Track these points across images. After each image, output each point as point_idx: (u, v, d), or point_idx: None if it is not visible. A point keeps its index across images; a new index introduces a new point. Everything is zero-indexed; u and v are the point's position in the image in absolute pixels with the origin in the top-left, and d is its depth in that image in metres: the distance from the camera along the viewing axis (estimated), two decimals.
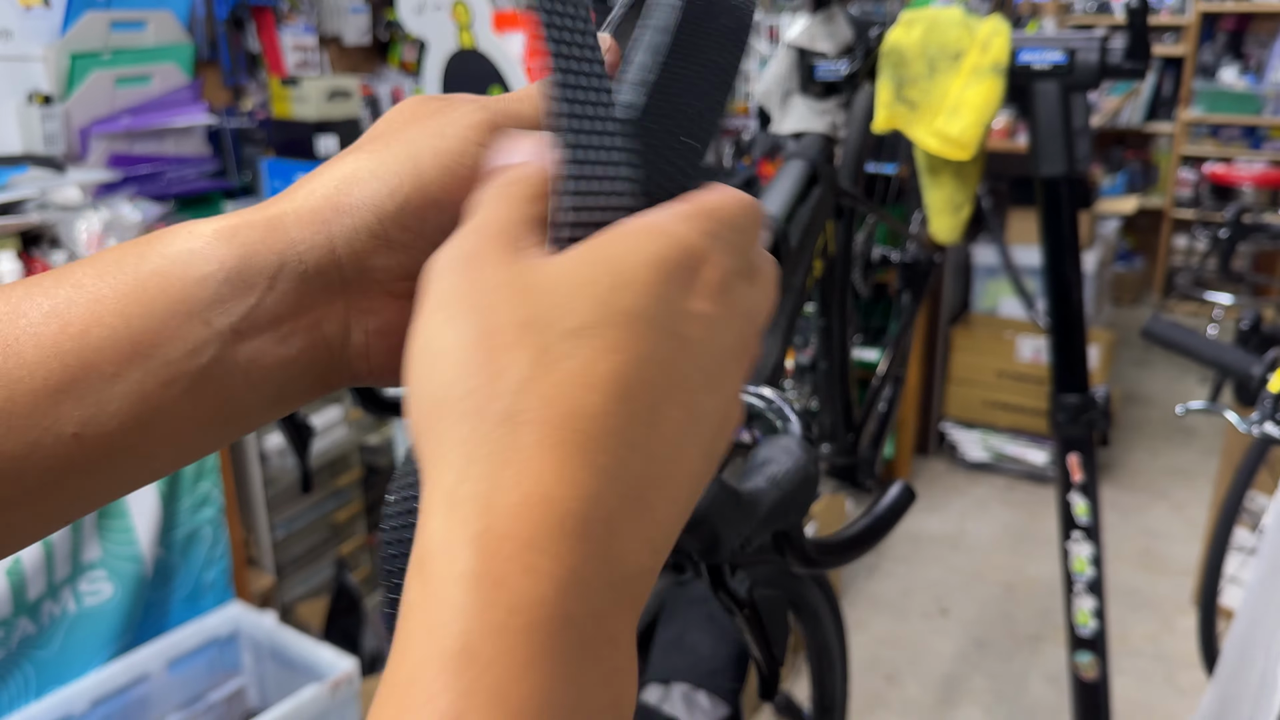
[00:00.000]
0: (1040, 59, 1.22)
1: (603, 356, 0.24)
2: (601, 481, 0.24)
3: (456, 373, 0.24)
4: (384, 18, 2.78)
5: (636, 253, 0.26)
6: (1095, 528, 1.41)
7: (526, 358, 0.24)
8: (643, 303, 0.25)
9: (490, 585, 0.22)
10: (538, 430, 0.23)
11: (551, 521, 0.23)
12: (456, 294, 0.25)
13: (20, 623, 1.63)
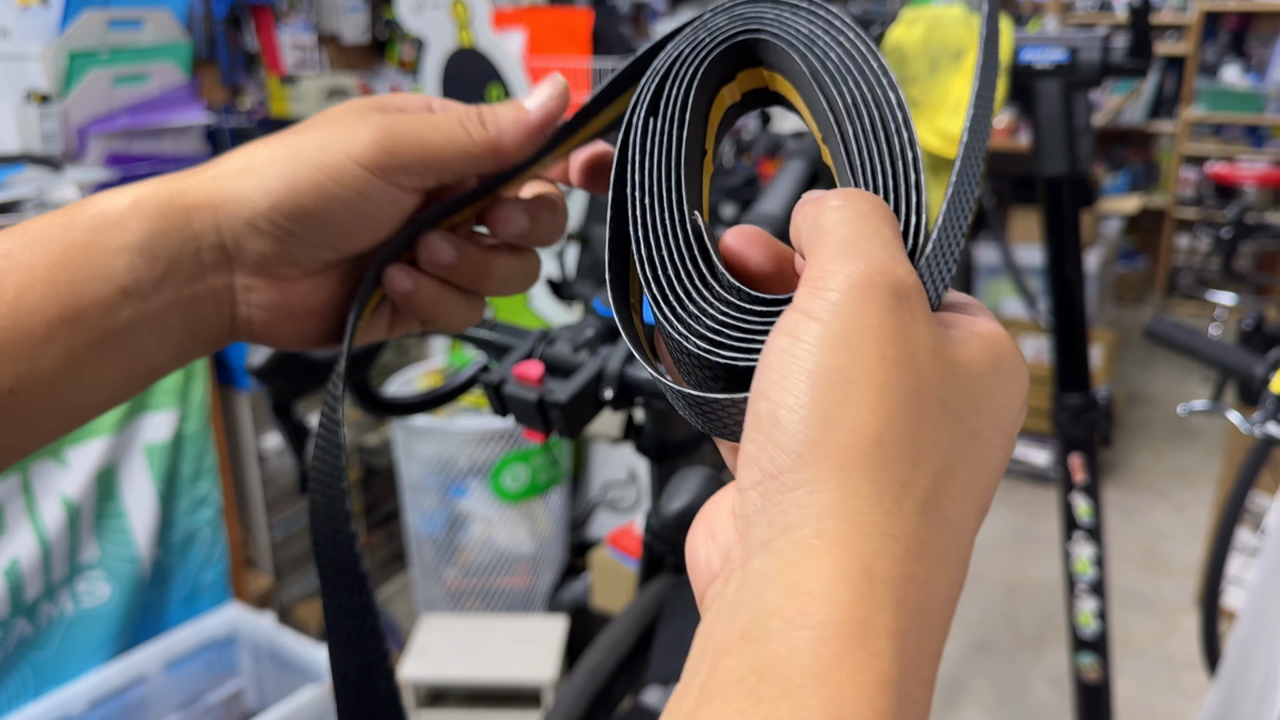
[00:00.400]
0: (1042, 58, 1.22)
1: (991, 464, 0.26)
2: (957, 594, 0.25)
3: (885, 428, 0.24)
4: (383, 16, 2.77)
5: (1017, 373, 0.28)
6: (1097, 528, 1.41)
7: (943, 449, 0.25)
8: (1016, 422, 0.28)
9: (904, 698, 0.22)
10: (943, 535, 0.24)
11: (932, 630, 0.24)
12: (889, 333, 0.24)
13: (18, 624, 1.63)
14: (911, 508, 0.23)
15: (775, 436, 0.24)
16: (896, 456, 0.23)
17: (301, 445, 0.87)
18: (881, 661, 0.21)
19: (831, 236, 0.26)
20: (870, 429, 0.23)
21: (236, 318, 0.37)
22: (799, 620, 0.22)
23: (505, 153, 0.37)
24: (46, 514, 1.63)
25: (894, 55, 1.23)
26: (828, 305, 0.24)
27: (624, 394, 0.61)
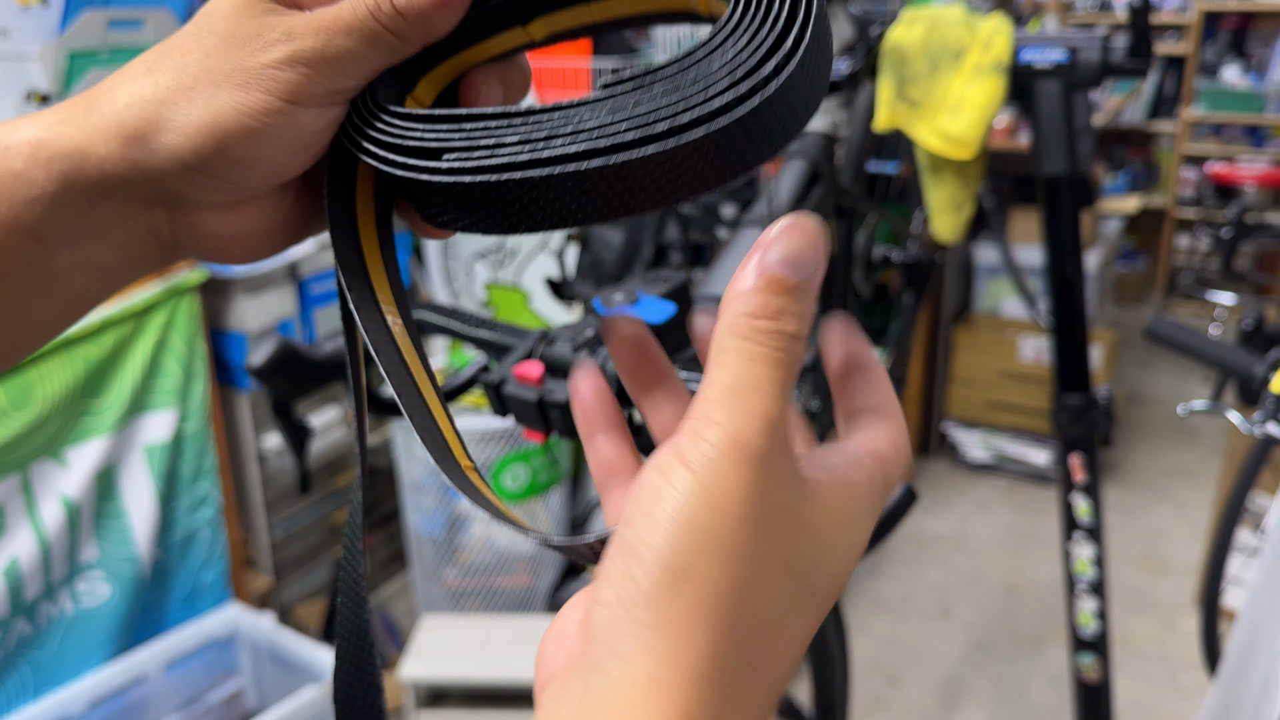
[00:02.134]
0: (1042, 57, 1.22)
1: (815, 616, 0.28)
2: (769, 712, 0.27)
3: (734, 590, 0.25)
4: None
5: (862, 526, 0.29)
6: (1097, 528, 1.41)
7: (780, 605, 0.26)
8: (848, 574, 0.29)
9: None
10: (763, 685, 0.26)
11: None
12: (753, 495, 0.25)
13: (18, 623, 1.63)
14: (739, 663, 0.25)
15: (633, 570, 0.25)
16: (737, 617, 0.25)
17: (302, 445, 0.87)
18: None
19: (725, 374, 0.27)
20: (719, 589, 0.25)
21: (180, 245, 0.35)
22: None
23: (431, 32, 0.34)
24: (46, 514, 1.63)
25: (894, 55, 1.23)
26: (700, 457, 0.25)
27: (623, 394, 0.61)
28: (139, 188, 0.33)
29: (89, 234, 0.33)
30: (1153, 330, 1.35)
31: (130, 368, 1.72)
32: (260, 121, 0.32)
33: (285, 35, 0.33)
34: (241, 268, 1.97)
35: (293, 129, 0.33)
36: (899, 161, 1.99)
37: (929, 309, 3.15)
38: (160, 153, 0.32)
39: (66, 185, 0.32)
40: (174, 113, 0.32)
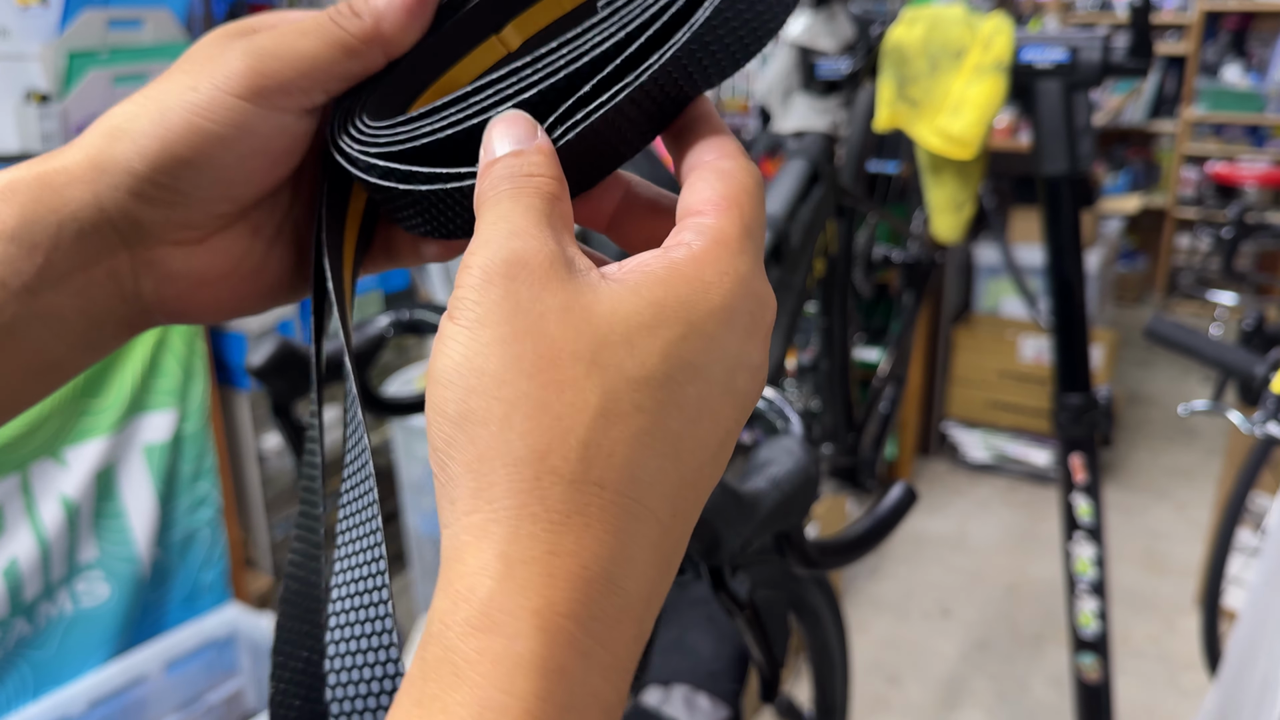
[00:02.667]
0: (1043, 57, 1.22)
1: (669, 414, 0.24)
2: (653, 557, 0.24)
3: (510, 407, 0.23)
4: None
5: (707, 300, 0.25)
6: (1098, 528, 1.41)
7: (592, 405, 0.23)
8: (711, 357, 0.25)
9: (553, 674, 0.21)
10: (601, 496, 0.23)
11: (609, 604, 0.22)
12: (506, 311, 0.24)
13: (17, 624, 1.63)
14: (553, 481, 0.23)
15: (431, 433, 0.24)
16: (529, 432, 0.23)
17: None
18: (519, 644, 0.21)
19: (478, 224, 0.27)
20: (496, 412, 0.23)
21: (143, 297, 0.33)
22: (449, 619, 0.22)
23: (389, 38, 0.33)
24: (45, 514, 1.63)
25: (894, 55, 1.23)
26: (460, 302, 0.25)
27: None
28: (96, 219, 0.31)
29: (47, 279, 0.30)
30: (1153, 330, 1.35)
31: (130, 367, 1.72)
32: (209, 119, 0.31)
33: (245, 40, 0.32)
34: None
35: (249, 134, 0.31)
36: (899, 161, 1.99)
37: (929, 309, 3.15)
38: (112, 167, 0.31)
39: (29, 219, 0.30)
40: (129, 123, 0.31)
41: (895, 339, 1.74)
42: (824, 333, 1.40)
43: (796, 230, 1.06)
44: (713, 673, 0.81)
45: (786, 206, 1.09)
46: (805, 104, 1.29)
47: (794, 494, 0.47)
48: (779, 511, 0.46)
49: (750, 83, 2.39)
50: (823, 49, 1.28)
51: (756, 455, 0.49)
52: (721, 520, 0.43)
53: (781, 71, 1.30)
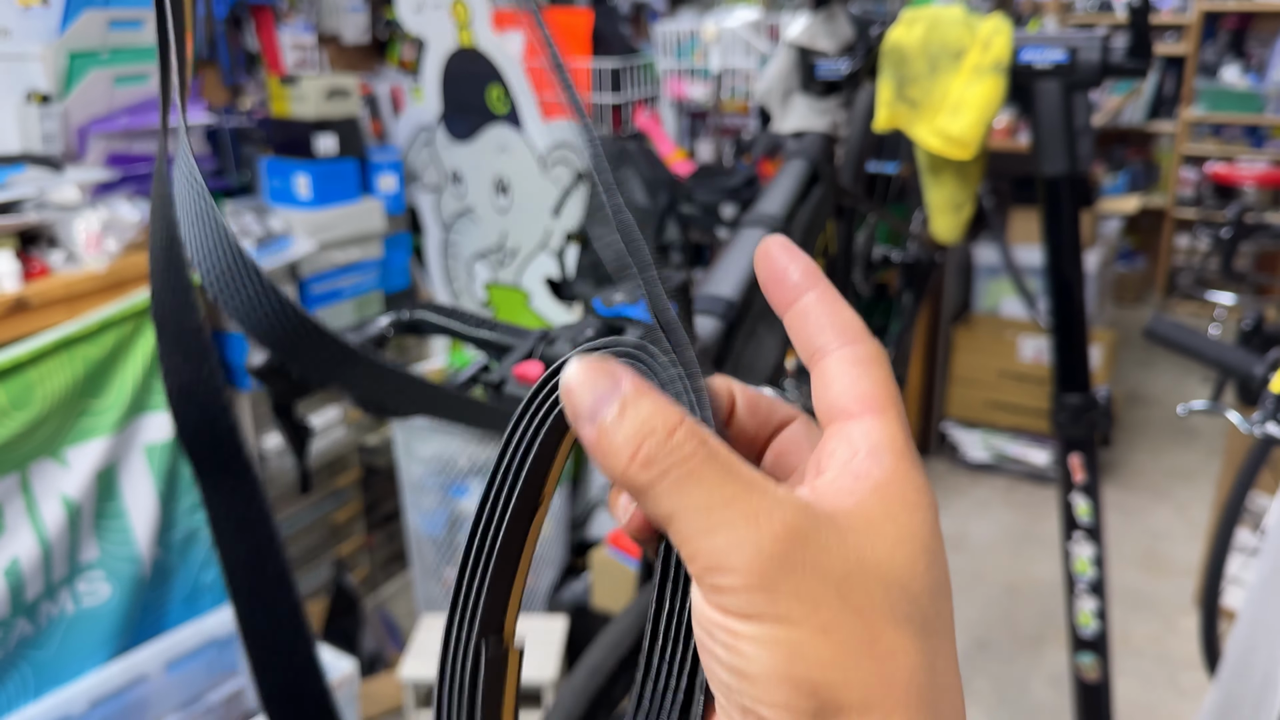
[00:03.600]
0: (1042, 58, 1.22)
1: (947, 615, 0.27)
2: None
3: (858, 694, 0.24)
4: (383, 16, 2.77)
5: (927, 507, 0.27)
6: (1097, 528, 1.41)
7: (916, 654, 0.25)
8: (940, 550, 0.28)
9: None
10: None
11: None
12: (805, 593, 0.25)
13: (18, 623, 1.63)
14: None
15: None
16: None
17: (302, 445, 0.87)
18: None
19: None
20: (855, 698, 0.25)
21: None
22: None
23: None
24: (46, 514, 1.63)
25: (893, 55, 1.23)
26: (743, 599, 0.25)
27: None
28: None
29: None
30: (1153, 330, 1.36)
31: (131, 368, 1.72)
32: None
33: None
34: None
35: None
36: (899, 162, 1.99)
37: (929, 309, 3.15)
38: None
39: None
40: None
41: (895, 339, 1.74)
42: None
43: (796, 230, 1.07)
44: None
45: (786, 207, 1.09)
46: (805, 104, 1.29)
47: None
48: None
49: (750, 83, 2.40)
50: (822, 50, 1.28)
51: None
52: None
53: (781, 72, 1.31)
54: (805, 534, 0.24)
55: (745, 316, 0.88)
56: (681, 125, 2.60)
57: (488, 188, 2.49)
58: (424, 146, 2.58)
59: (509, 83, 2.34)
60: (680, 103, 2.54)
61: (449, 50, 2.41)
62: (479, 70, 2.38)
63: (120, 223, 1.74)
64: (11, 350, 1.56)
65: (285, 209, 2.17)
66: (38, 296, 1.61)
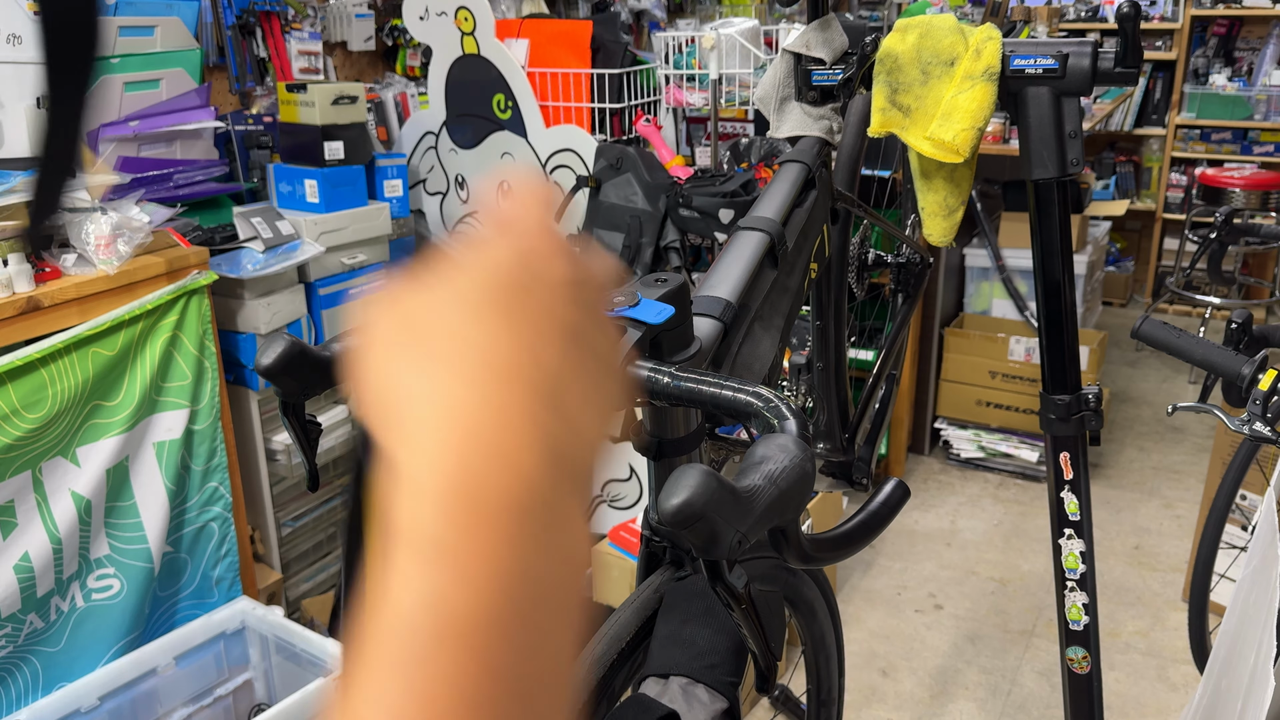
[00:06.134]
0: (1032, 65, 1.24)
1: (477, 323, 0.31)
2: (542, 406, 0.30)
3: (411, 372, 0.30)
4: (389, 24, 2.81)
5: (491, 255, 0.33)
6: (1086, 524, 1.43)
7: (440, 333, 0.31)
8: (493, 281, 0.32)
9: (466, 482, 0.27)
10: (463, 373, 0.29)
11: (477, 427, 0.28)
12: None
13: (29, 618, 1.65)
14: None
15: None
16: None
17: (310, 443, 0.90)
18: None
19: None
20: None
21: None
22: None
23: None
24: (58, 510, 1.65)
25: (887, 63, 1.26)
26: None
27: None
28: None
29: None
30: (1141, 331, 1.39)
31: (142, 367, 1.74)
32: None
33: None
34: (251, 270, 2.00)
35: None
36: (892, 167, 2.03)
37: (921, 310, 3.19)
38: None
39: None
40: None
41: (888, 339, 1.78)
42: (819, 333, 1.44)
43: (792, 234, 1.10)
44: (710, 664, 0.84)
45: (782, 211, 1.12)
46: (801, 111, 1.32)
47: (790, 490, 0.49)
48: (775, 507, 0.49)
49: (748, 90, 2.43)
50: (817, 57, 1.31)
51: (753, 452, 0.52)
52: (718, 515, 0.46)
53: (778, 79, 1.34)
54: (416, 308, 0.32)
55: (743, 317, 0.91)
56: (680, 131, 2.64)
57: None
58: (429, 152, 2.61)
59: (512, 90, 2.38)
60: (679, 109, 2.58)
61: (454, 58, 2.44)
62: (483, 77, 2.41)
63: (130, 226, 1.77)
64: (24, 350, 1.58)
65: (295, 213, 2.20)
66: (49, 297, 1.64)
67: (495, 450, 0.27)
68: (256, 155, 2.29)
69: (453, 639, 0.24)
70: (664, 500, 0.46)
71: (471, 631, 0.25)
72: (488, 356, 0.29)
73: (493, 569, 0.25)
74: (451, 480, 0.27)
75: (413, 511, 0.27)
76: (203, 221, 2.05)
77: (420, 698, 0.24)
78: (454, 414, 0.28)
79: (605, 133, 2.37)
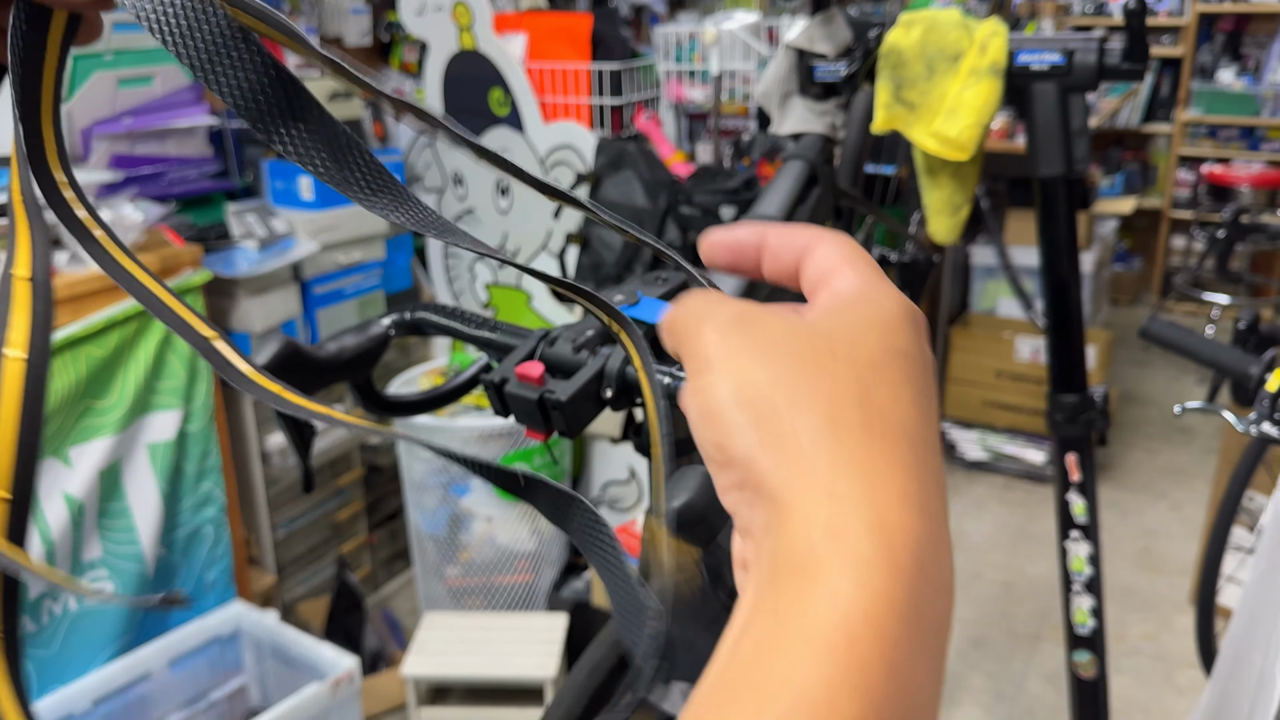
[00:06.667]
0: (1038, 60, 1.23)
1: (903, 382, 0.28)
2: (928, 476, 0.27)
3: (787, 395, 0.27)
4: (385, 19, 2.79)
5: (890, 303, 0.30)
6: (1093, 527, 1.42)
7: (848, 381, 0.27)
8: (908, 340, 0.29)
9: (887, 571, 0.24)
10: (885, 438, 0.27)
11: (915, 516, 0.26)
12: (746, 343, 0.29)
13: (21, 621, 1.63)
14: (852, 428, 0.27)
15: (732, 449, 0.29)
16: (823, 403, 0.27)
17: (305, 445, 0.88)
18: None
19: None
20: (785, 413, 0.28)
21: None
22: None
23: None
24: (50, 512, 1.64)
25: (891, 58, 1.24)
26: (702, 354, 0.30)
27: (624, 393, 0.63)
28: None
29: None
30: (1149, 330, 1.37)
31: (134, 367, 1.73)
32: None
33: None
34: (246, 269, 1.98)
35: None
36: (896, 163, 2.00)
37: (926, 309, 3.17)
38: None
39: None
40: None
41: None
42: None
43: None
44: None
45: (784, 208, 1.10)
46: (803, 107, 1.30)
47: None
48: None
49: (749, 86, 2.41)
50: (821, 52, 1.29)
51: None
52: (719, 516, 0.45)
53: (780, 75, 1.32)
54: (759, 310, 0.30)
55: None
56: (681, 127, 2.61)
57: (489, 189, 2.50)
58: (426, 148, 2.60)
59: (510, 85, 2.36)
60: (680, 105, 2.55)
61: (451, 52, 2.42)
62: (481, 72, 2.39)
63: (124, 223, 1.75)
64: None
65: (289, 210, 2.18)
66: None
67: (933, 568, 0.25)
68: (250, 152, 2.28)
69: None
70: (665, 502, 0.44)
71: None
72: (915, 440, 0.27)
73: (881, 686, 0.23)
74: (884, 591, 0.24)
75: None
76: (196, 219, 2.03)
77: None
78: (885, 509, 0.25)
79: (605, 128, 2.34)
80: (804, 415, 0.26)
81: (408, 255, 2.54)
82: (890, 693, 0.23)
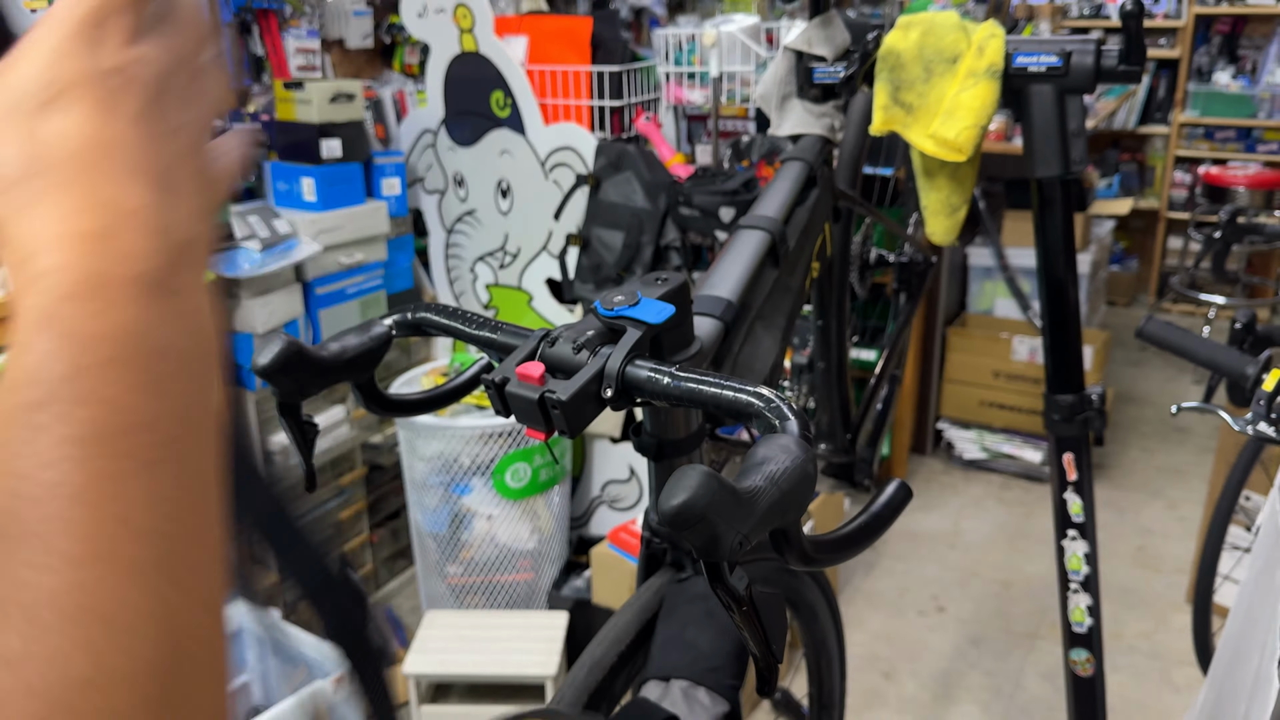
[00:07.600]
0: (1036, 62, 1.23)
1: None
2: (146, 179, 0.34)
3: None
4: (387, 21, 2.80)
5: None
6: (1090, 526, 1.43)
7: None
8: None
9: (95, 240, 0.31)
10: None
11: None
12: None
13: None
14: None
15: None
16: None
17: (308, 444, 0.89)
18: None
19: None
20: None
21: None
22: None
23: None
24: None
25: (889, 60, 1.25)
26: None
27: (624, 393, 0.63)
28: None
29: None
30: (1146, 331, 1.38)
31: None
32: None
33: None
34: (248, 270, 1.99)
35: None
36: (894, 165, 2.02)
37: (924, 310, 3.18)
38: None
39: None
40: None
41: (890, 339, 1.77)
42: (820, 333, 1.43)
43: (793, 233, 1.09)
44: (712, 667, 0.83)
45: (783, 209, 1.11)
46: (802, 109, 1.31)
47: (791, 491, 0.48)
48: (776, 508, 0.48)
49: (748, 88, 2.42)
50: (819, 55, 1.30)
51: (754, 453, 0.51)
52: (719, 517, 0.45)
53: (778, 77, 1.32)
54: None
55: (743, 317, 0.90)
56: (681, 129, 2.63)
57: (490, 191, 2.52)
58: (427, 150, 2.61)
59: (511, 87, 2.37)
60: (679, 107, 2.57)
61: (452, 55, 2.43)
62: (482, 75, 2.40)
63: None
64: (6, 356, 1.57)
65: (291, 211, 2.19)
66: None
67: (109, 239, 0.32)
68: (253, 153, 2.28)
69: (83, 377, 0.29)
70: (664, 501, 0.45)
71: (97, 374, 0.29)
72: (77, 149, 0.33)
73: (109, 331, 0.30)
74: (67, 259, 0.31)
75: (37, 294, 0.30)
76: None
77: (44, 429, 0.28)
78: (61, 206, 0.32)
79: (605, 130, 2.35)
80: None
81: (409, 256, 2.55)
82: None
